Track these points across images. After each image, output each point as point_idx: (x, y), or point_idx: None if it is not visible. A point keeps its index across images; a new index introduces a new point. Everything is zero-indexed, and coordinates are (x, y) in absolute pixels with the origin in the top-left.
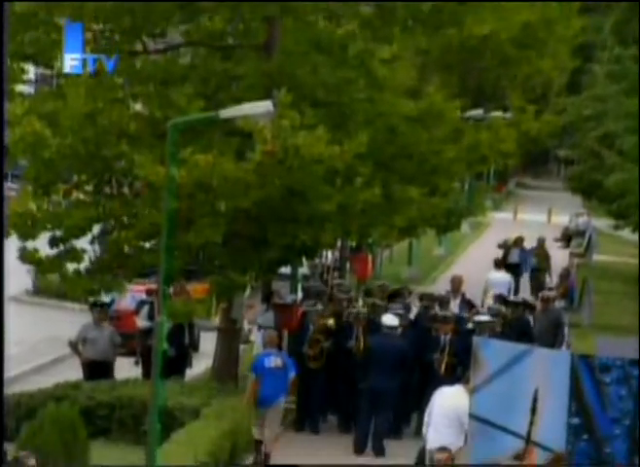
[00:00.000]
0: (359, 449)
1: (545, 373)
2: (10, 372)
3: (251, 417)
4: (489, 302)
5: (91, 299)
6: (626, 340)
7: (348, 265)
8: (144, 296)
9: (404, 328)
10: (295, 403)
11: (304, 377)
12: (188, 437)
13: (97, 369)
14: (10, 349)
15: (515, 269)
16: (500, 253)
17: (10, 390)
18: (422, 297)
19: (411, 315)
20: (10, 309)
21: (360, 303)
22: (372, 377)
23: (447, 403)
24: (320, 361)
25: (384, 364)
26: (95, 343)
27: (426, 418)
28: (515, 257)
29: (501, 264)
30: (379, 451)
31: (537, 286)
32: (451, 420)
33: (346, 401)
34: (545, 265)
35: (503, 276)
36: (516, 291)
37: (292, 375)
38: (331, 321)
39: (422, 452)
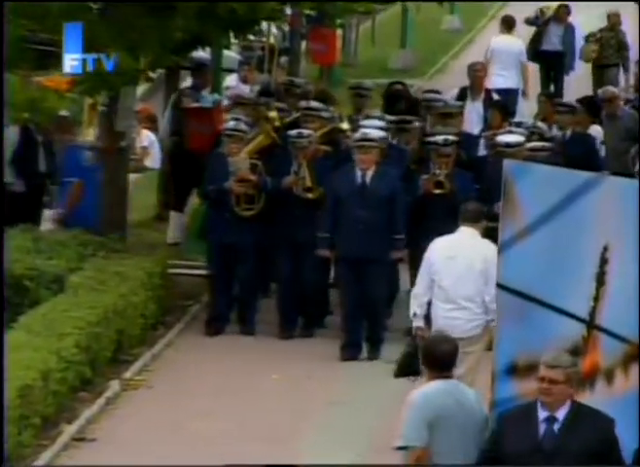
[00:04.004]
0: (349, 355)
1: (617, 218)
2: None
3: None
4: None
5: None
6: None
7: (304, 45)
8: None
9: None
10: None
11: (224, 240)
12: (46, 320)
13: None
14: None
15: (553, 61)
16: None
17: None
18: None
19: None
20: None
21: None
22: (338, 239)
23: (464, 252)
24: (256, 207)
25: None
26: None
27: (420, 289)
28: (553, 40)
29: (512, 25)
30: (374, 353)
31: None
32: (479, 280)
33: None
34: (615, 57)
35: (512, 42)
36: (557, 94)
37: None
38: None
39: (412, 352)
